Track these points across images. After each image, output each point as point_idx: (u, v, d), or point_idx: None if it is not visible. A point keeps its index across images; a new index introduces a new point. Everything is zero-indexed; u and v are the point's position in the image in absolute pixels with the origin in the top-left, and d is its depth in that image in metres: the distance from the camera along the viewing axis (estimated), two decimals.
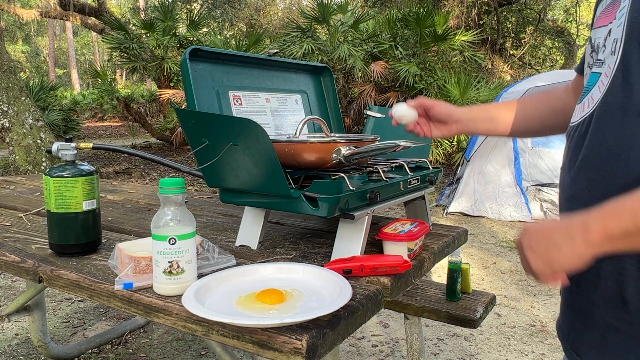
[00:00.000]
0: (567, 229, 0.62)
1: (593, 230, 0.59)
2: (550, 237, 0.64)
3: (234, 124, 0.91)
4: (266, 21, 21.58)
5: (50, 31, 27.62)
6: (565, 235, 0.62)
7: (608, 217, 0.58)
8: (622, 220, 0.57)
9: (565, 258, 0.62)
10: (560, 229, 0.64)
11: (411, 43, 8.05)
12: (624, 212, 0.57)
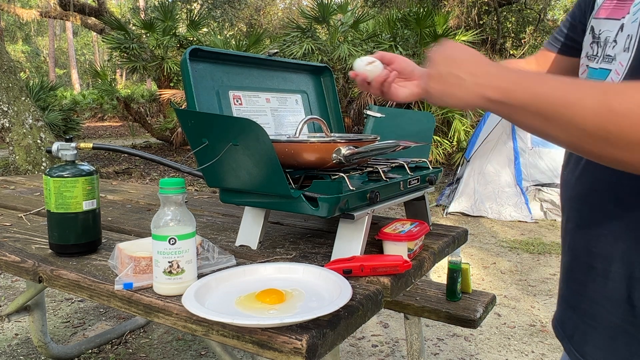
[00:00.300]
0: (479, 72, 0.62)
1: (497, 87, 0.59)
2: (463, 68, 0.64)
3: (234, 124, 0.91)
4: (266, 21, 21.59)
5: (50, 31, 27.62)
6: (473, 76, 0.62)
7: (516, 85, 0.57)
8: (526, 95, 0.56)
9: (458, 94, 0.63)
10: (474, 67, 0.63)
11: (411, 43, 8.05)
12: (532, 88, 0.56)
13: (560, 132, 0.53)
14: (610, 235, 0.63)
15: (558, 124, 0.53)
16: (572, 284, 0.70)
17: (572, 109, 0.51)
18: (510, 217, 4.88)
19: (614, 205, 0.62)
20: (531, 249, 3.99)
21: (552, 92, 0.54)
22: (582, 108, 0.50)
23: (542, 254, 3.87)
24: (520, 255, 3.87)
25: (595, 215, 0.65)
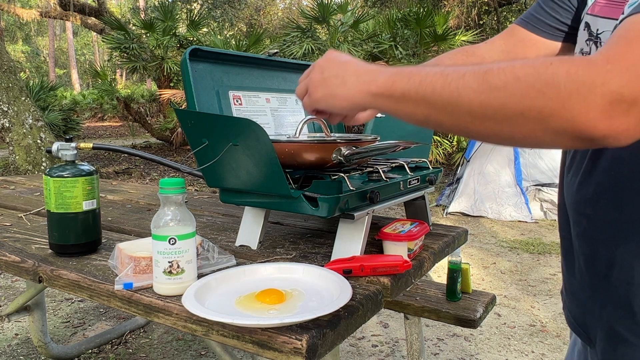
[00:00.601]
0: (361, 70, 0.63)
1: (380, 81, 0.60)
2: (344, 70, 0.65)
3: (234, 124, 0.91)
4: (266, 21, 21.59)
5: (50, 31, 27.62)
6: (356, 74, 0.63)
7: (399, 77, 0.58)
8: (409, 84, 0.56)
9: (342, 94, 0.64)
10: (355, 67, 0.64)
11: (411, 43, 8.05)
12: (414, 77, 0.56)
13: (447, 116, 0.54)
14: (612, 241, 0.62)
15: (443, 109, 0.53)
16: (586, 290, 0.69)
17: (457, 91, 0.51)
18: (510, 217, 4.88)
19: (614, 211, 0.62)
20: (531, 249, 4.00)
21: (433, 78, 0.54)
22: (466, 90, 0.51)
23: (542, 254, 3.87)
24: (520, 255, 3.87)
25: (598, 220, 0.65)
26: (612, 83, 0.43)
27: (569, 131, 0.46)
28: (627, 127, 0.44)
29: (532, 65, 0.47)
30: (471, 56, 0.88)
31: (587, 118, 0.44)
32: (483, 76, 0.50)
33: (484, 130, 0.52)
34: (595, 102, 0.43)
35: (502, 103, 0.48)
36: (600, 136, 0.45)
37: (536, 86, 0.46)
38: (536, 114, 0.46)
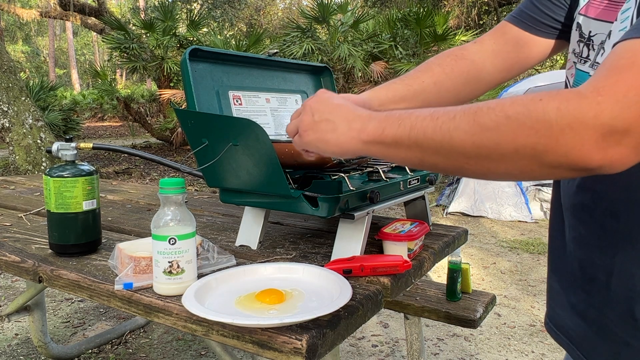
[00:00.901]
0: (351, 117, 0.63)
1: (370, 129, 0.60)
2: (335, 115, 0.65)
3: (234, 124, 0.91)
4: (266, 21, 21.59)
5: (50, 31, 27.62)
6: (346, 121, 0.63)
7: (389, 123, 0.59)
8: (400, 130, 0.57)
9: (332, 140, 0.64)
10: (346, 113, 0.65)
11: (411, 43, 8.05)
12: (405, 122, 0.57)
13: (441, 159, 0.54)
14: (610, 248, 0.62)
15: (437, 152, 0.54)
16: (579, 292, 0.69)
17: (449, 134, 0.52)
18: (510, 217, 4.88)
19: (611, 219, 0.62)
20: (531, 249, 4.00)
21: (424, 122, 0.55)
22: (457, 132, 0.51)
23: (542, 254, 3.87)
24: (520, 255, 3.87)
25: (595, 227, 0.64)
26: (604, 115, 0.43)
27: (564, 165, 0.46)
28: (620, 156, 0.44)
29: (522, 102, 0.48)
30: (460, 60, 0.86)
31: (581, 151, 0.45)
32: (473, 117, 0.51)
33: (480, 169, 0.52)
34: (588, 135, 0.44)
35: (495, 143, 0.49)
36: (596, 166, 0.45)
37: (528, 124, 0.46)
38: (530, 151, 0.47)
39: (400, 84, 0.85)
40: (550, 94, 0.47)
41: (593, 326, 0.66)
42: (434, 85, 0.85)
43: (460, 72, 0.85)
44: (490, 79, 0.87)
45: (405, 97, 0.85)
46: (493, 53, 0.85)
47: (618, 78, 0.44)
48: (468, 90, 0.87)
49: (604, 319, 0.64)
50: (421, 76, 0.85)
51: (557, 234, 0.74)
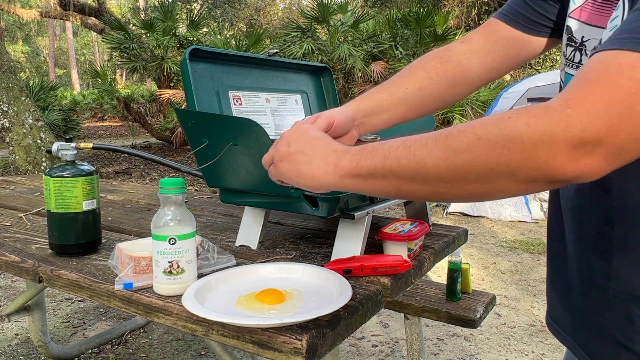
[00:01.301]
0: (327, 151, 0.63)
1: (345, 162, 0.60)
2: (311, 148, 0.65)
3: (234, 124, 0.91)
4: (266, 21, 21.60)
5: (50, 31, 27.63)
6: (322, 155, 0.63)
7: (363, 155, 0.59)
8: (374, 161, 0.57)
9: (307, 173, 0.64)
10: (322, 147, 0.65)
11: (411, 43, 8.05)
12: (378, 153, 0.57)
13: (418, 185, 0.54)
14: (607, 252, 0.62)
15: (413, 179, 0.54)
16: (577, 295, 0.69)
17: (422, 161, 0.52)
18: (510, 217, 4.88)
19: (605, 225, 0.61)
20: (531, 249, 4.00)
21: (397, 151, 0.55)
22: (431, 157, 0.52)
23: (542, 254, 3.87)
24: (520, 255, 3.87)
25: (592, 231, 0.64)
26: (574, 128, 0.44)
27: (540, 178, 0.47)
28: (593, 165, 0.45)
29: (492, 122, 0.48)
30: (445, 62, 0.84)
31: (555, 164, 0.45)
32: (445, 141, 0.51)
33: (458, 192, 0.52)
34: (559, 148, 0.44)
35: (469, 164, 0.49)
36: (571, 177, 0.46)
37: (499, 142, 0.47)
38: (505, 169, 0.47)
39: (384, 93, 0.84)
40: (519, 111, 0.47)
41: (593, 328, 0.66)
42: (418, 91, 0.83)
43: (445, 75, 0.84)
44: (477, 80, 0.85)
45: (389, 107, 0.84)
46: (482, 52, 0.83)
47: (587, 90, 0.44)
48: (454, 92, 0.86)
49: (603, 322, 0.64)
50: (405, 82, 0.84)
51: (556, 236, 0.74)
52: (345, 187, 0.62)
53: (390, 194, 0.58)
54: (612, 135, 0.43)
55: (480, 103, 7.54)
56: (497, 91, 7.18)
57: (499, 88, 7.42)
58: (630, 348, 0.61)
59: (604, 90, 0.43)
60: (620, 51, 0.44)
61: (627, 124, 0.42)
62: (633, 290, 0.59)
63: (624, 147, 0.43)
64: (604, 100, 0.43)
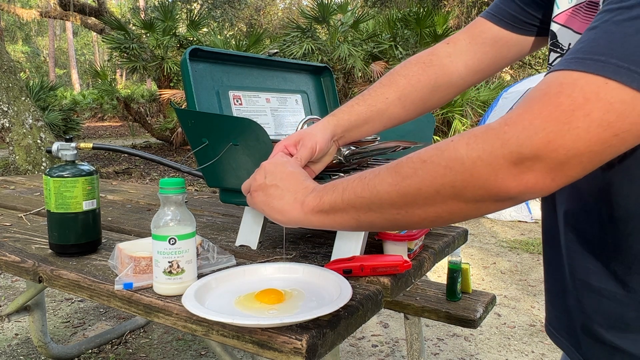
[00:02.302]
0: (298, 188, 0.66)
1: (310, 199, 0.62)
2: (285, 183, 0.67)
3: (234, 124, 0.91)
4: (266, 21, 21.60)
5: (50, 31, 27.63)
6: (293, 191, 0.66)
7: (325, 191, 0.61)
8: (334, 195, 0.59)
9: (277, 207, 0.66)
10: (295, 183, 0.67)
11: (411, 43, 8.05)
12: (338, 187, 0.59)
13: (375, 215, 0.56)
14: (601, 256, 0.61)
15: (369, 208, 0.56)
16: (572, 298, 0.69)
17: (375, 189, 0.55)
18: (510, 217, 4.88)
19: (599, 231, 0.61)
20: (531, 249, 4.00)
21: (353, 183, 0.58)
22: (383, 185, 0.54)
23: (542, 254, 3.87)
24: (520, 255, 3.87)
25: (585, 235, 0.64)
26: (510, 143, 0.44)
27: (486, 197, 0.47)
28: (536, 181, 0.45)
29: (436, 146, 0.50)
30: (428, 67, 0.83)
31: (496, 181, 0.46)
32: (395, 169, 0.54)
33: (412, 218, 0.54)
34: (499, 164, 0.45)
35: (417, 188, 0.51)
36: (516, 194, 0.46)
37: (442, 164, 0.48)
38: (450, 190, 0.48)
39: (363, 105, 0.84)
40: (462, 134, 0.49)
41: (586, 330, 0.65)
42: (398, 100, 0.83)
43: (427, 81, 0.83)
44: (462, 83, 0.85)
45: (369, 119, 0.84)
46: (467, 54, 0.82)
47: (526, 109, 0.45)
48: (436, 97, 0.85)
49: (596, 324, 0.63)
50: (385, 92, 0.83)
51: (550, 239, 0.73)
52: (311, 224, 0.63)
53: (352, 227, 0.60)
54: (551, 151, 0.43)
55: (480, 103, 7.55)
56: (497, 91, 7.18)
57: (499, 88, 7.43)
58: (625, 349, 0.61)
59: (541, 107, 0.44)
60: (563, 71, 0.45)
61: (565, 140, 0.42)
62: (629, 294, 0.59)
63: (566, 163, 0.44)
64: (541, 116, 0.43)
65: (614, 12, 0.45)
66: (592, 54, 0.44)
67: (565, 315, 0.70)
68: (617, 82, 0.42)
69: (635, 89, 0.41)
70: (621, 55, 0.42)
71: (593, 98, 0.42)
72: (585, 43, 0.45)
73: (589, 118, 0.42)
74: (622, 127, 0.42)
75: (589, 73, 0.43)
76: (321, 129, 0.82)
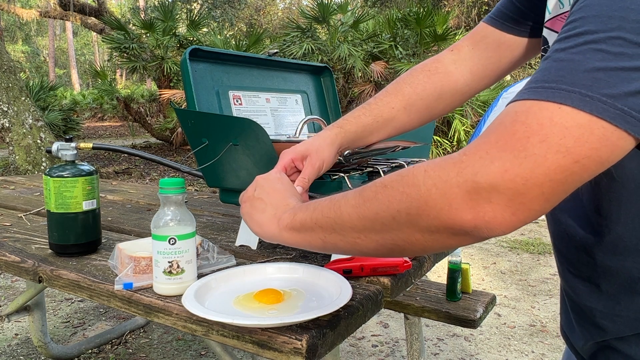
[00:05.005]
0: (280, 204, 0.67)
1: (286, 216, 0.63)
2: (270, 198, 0.69)
3: (234, 124, 0.91)
4: (266, 21, 21.60)
5: (50, 31, 27.63)
6: (275, 207, 0.67)
7: (300, 209, 0.62)
8: (306, 213, 0.60)
9: (258, 220, 0.68)
10: (279, 199, 0.68)
11: (411, 43, 8.06)
12: (310, 207, 0.60)
13: (338, 236, 0.56)
14: (590, 279, 0.60)
15: (332, 229, 0.56)
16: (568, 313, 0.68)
17: (339, 210, 0.55)
18: None
19: (586, 255, 0.60)
20: (531, 249, 4.00)
21: (323, 203, 0.58)
22: (346, 207, 0.54)
23: (542, 254, 3.87)
24: (520, 255, 3.88)
25: (572, 258, 0.62)
26: (466, 172, 0.43)
27: (441, 228, 0.46)
28: (494, 214, 0.43)
29: (398, 173, 0.50)
30: (433, 75, 0.83)
31: (450, 211, 0.44)
32: (360, 192, 0.53)
33: (370, 243, 0.53)
34: (453, 193, 0.44)
35: (375, 212, 0.51)
36: (471, 227, 0.44)
37: (400, 189, 0.48)
38: (405, 216, 0.48)
39: (370, 116, 0.84)
40: (425, 162, 0.48)
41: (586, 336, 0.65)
42: (404, 109, 0.83)
43: (433, 89, 0.83)
44: (468, 90, 0.84)
45: (374, 130, 0.85)
46: (472, 60, 0.82)
47: (484, 139, 0.44)
48: (442, 105, 0.85)
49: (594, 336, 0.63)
50: (391, 101, 0.84)
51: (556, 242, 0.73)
52: (285, 240, 0.64)
53: (319, 247, 0.60)
54: (507, 180, 0.41)
55: (480, 103, 7.55)
56: (497, 91, 7.18)
57: (499, 88, 7.42)
58: (621, 351, 0.60)
59: (497, 137, 0.43)
60: (517, 102, 0.44)
61: (522, 168, 0.41)
62: (622, 311, 0.58)
63: (525, 194, 0.42)
64: (497, 145, 0.43)
65: (563, 41, 0.45)
66: (543, 82, 0.43)
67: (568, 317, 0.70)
68: (570, 107, 0.41)
69: (589, 112, 0.40)
70: (571, 82, 0.42)
71: (547, 123, 0.41)
72: (538, 73, 0.45)
73: (545, 144, 0.41)
74: (581, 153, 0.41)
75: (541, 100, 0.42)
76: (329, 144, 0.82)
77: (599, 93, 0.41)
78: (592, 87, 0.41)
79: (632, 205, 0.53)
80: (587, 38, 0.43)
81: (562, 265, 0.66)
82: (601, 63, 0.41)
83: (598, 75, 0.41)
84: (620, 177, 0.52)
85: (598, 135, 0.41)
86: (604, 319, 0.60)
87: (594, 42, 0.42)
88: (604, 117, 0.40)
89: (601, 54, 0.41)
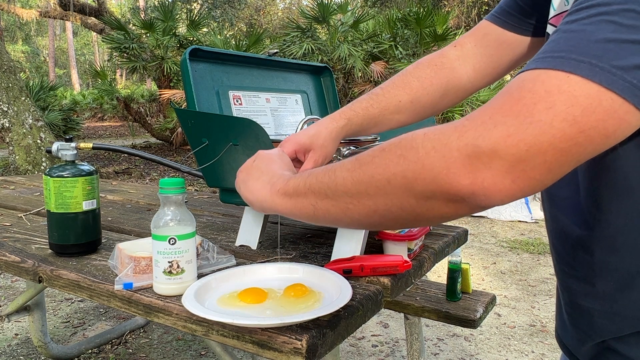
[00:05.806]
0: (276, 173, 0.67)
1: (279, 182, 0.63)
2: (267, 167, 0.69)
3: (234, 124, 0.91)
4: (266, 21, 21.60)
5: (50, 31, 27.63)
6: (270, 175, 0.67)
7: (293, 177, 0.62)
8: (299, 179, 0.59)
9: (251, 187, 0.67)
10: (275, 169, 0.68)
11: (411, 43, 8.06)
12: (304, 174, 0.59)
13: (330, 202, 0.54)
14: (587, 278, 0.60)
15: (325, 194, 0.55)
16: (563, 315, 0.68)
17: (334, 174, 0.54)
18: (510, 217, 4.88)
19: (584, 253, 0.59)
20: (531, 249, 4.00)
21: (319, 170, 0.57)
22: (341, 171, 0.53)
23: (542, 254, 3.87)
24: (520, 255, 3.88)
25: (567, 258, 0.62)
26: (467, 135, 0.42)
27: (437, 193, 0.44)
28: (493, 181, 0.42)
29: (397, 137, 0.49)
30: (440, 70, 0.83)
31: (447, 175, 0.43)
32: (356, 157, 0.52)
33: (363, 209, 0.51)
34: (452, 156, 0.43)
35: (370, 175, 0.49)
36: (469, 193, 0.43)
37: (397, 152, 0.47)
38: (401, 179, 0.46)
39: (377, 109, 0.83)
40: (426, 127, 0.47)
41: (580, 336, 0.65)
42: (410, 103, 0.83)
43: (439, 84, 0.82)
44: (471, 87, 0.84)
45: (379, 122, 0.84)
46: (474, 57, 0.82)
47: (488, 105, 0.43)
48: (445, 101, 0.85)
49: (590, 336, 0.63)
50: (398, 94, 0.83)
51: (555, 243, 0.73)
52: (275, 206, 0.63)
53: (309, 214, 0.58)
54: (510, 145, 0.40)
55: (480, 103, 7.55)
56: (496, 90, 7.17)
57: (498, 88, 7.42)
58: (620, 352, 0.60)
59: (502, 102, 0.42)
60: (526, 71, 0.44)
61: (526, 134, 0.40)
62: (620, 309, 0.57)
63: (527, 161, 0.40)
64: (502, 110, 0.42)
65: (574, 13, 0.44)
66: (552, 52, 0.43)
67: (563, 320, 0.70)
68: (579, 76, 0.40)
69: (599, 83, 0.40)
70: (581, 52, 0.41)
71: (555, 91, 0.40)
72: (547, 45, 0.45)
73: (552, 111, 0.40)
74: (588, 123, 0.40)
75: (550, 69, 0.42)
76: (334, 139, 0.82)
77: (609, 64, 0.40)
78: (603, 57, 0.40)
79: (631, 198, 0.53)
80: (600, 10, 0.42)
81: (558, 264, 0.66)
82: (613, 34, 0.41)
83: (609, 47, 0.41)
84: (621, 169, 0.52)
85: (606, 107, 0.40)
86: (602, 318, 0.59)
87: (607, 13, 0.42)
88: (613, 88, 0.40)
89: (613, 26, 0.41)
